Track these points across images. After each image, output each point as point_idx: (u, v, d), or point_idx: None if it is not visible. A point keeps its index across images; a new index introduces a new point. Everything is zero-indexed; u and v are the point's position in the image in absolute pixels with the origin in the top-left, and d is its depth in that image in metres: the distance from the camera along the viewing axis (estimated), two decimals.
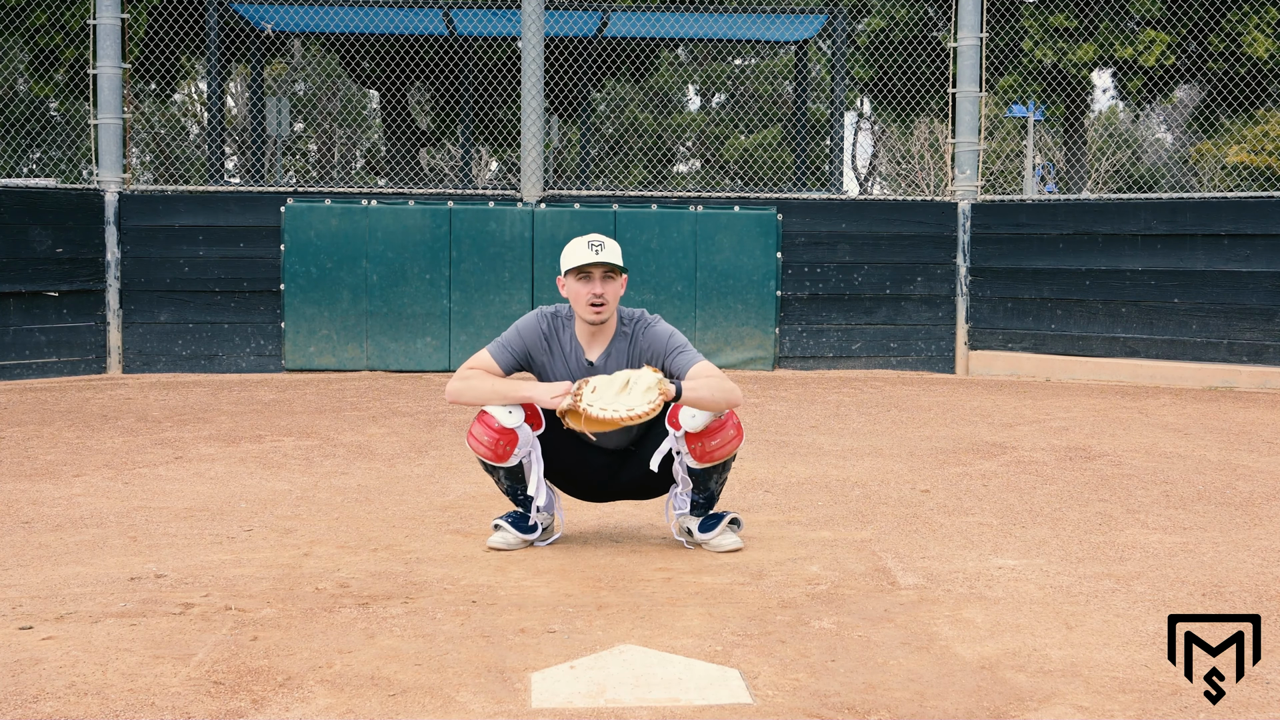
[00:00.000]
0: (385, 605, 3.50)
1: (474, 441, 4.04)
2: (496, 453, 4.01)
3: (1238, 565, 4.00)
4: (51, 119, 19.66)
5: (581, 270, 4.03)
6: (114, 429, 6.88)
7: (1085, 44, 14.29)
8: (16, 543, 4.25)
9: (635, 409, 3.77)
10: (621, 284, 4.09)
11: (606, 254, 4.03)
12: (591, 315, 4.05)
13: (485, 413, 4.01)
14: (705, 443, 3.97)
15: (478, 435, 4.02)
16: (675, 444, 4.00)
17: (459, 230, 9.77)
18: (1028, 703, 2.80)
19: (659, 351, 4.09)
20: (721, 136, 27.32)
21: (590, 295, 4.02)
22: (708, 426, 3.94)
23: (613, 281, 4.06)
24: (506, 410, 3.99)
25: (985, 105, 12.31)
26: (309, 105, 26.20)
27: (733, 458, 4.08)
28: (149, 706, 2.75)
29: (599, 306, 4.03)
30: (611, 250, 4.06)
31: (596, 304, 4.03)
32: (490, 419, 4.00)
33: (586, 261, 4.01)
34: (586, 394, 3.80)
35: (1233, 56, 14.06)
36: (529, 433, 4.02)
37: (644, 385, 3.81)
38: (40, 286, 9.27)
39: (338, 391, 8.67)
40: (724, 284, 10.01)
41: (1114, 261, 9.67)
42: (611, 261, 4.02)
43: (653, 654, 3.09)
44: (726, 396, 3.93)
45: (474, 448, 4.05)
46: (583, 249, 4.04)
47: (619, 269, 4.06)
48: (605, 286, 4.03)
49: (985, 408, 8.02)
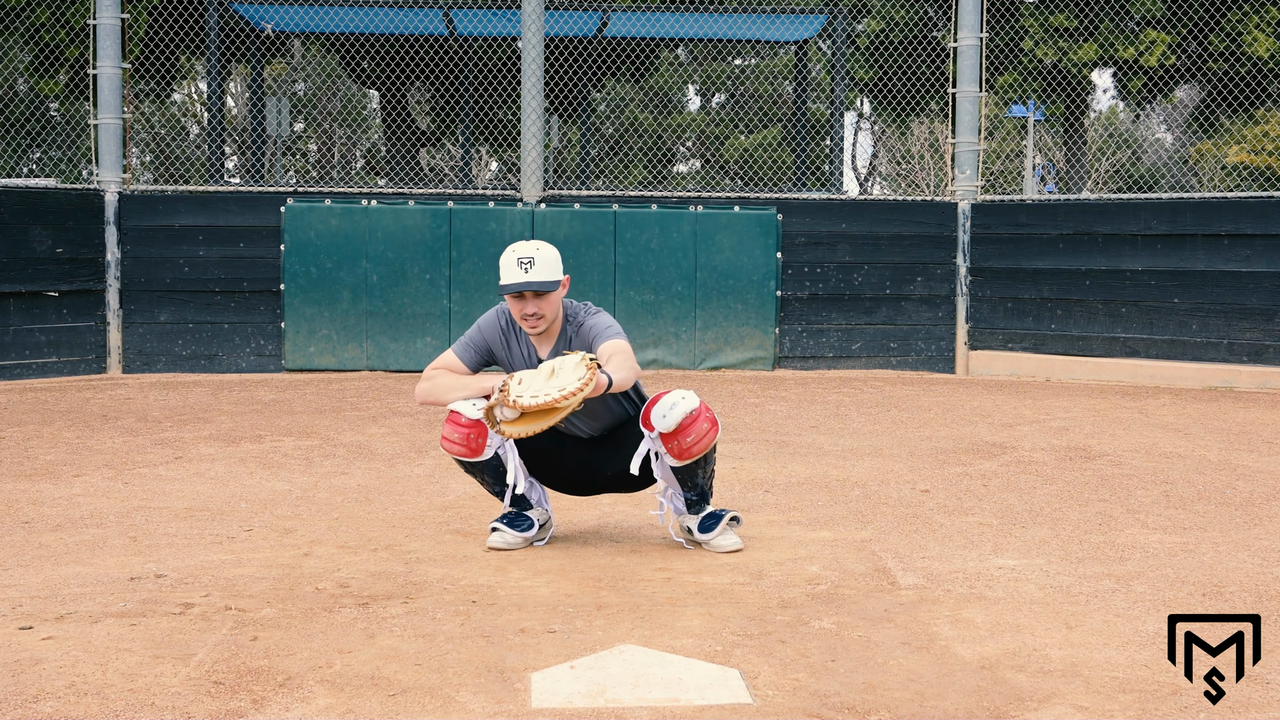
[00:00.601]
0: (385, 605, 3.50)
1: (447, 443, 4.05)
2: (470, 448, 4.02)
3: (1238, 565, 4.00)
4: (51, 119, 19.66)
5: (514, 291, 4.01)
6: (114, 429, 6.88)
7: (1086, 44, 14.29)
8: (16, 543, 4.25)
9: (567, 386, 3.71)
10: (561, 289, 4.05)
11: (535, 273, 3.96)
12: (529, 329, 4.07)
13: (452, 411, 4.02)
14: (681, 440, 3.98)
15: (449, 435, 4.03)
16: (653, 445, 4.02)
17: (459, 230, 9.77)
18: (1028, 703, 2.80)
19: (590, 342, 4.11)
20: (721, 136, 27.32)
21: (522, 314, 4.04)
22: (680, 424, 3.96)
23: (546, 297, 4.02)
24: (471, 404, 3.99)
25: (985, 105, 12.32)
26: (309, 105, 26.20)
27: (713, 449, 4.09)
28: (149, 706, 2.75)
29: (534, 323, 4.05)
30: (541, 267, 3.97)
31: (531, 321, 4.05)
32: (457, 415, 4.01)
33: (516, 285, 3.97)
34: (514, 386, 3.75)
35: (1233, 56, 14.06)
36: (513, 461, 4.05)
37: (570, 365, 3.80)
38: (40, 286, 9.27)
39: (338, 391, 8.67)
40: (724, 284, 10.01)
41: (1114, 261, 9.67)
42: (540, 282, 3.96)
43: (653, 654, 3.09)
44: (631, 370, 3.94)
45: (449, 449, 4.06)
46: (513, 268, 3.98)
47: (551, 285, 4.00)
48: (538, 304, 4.01)
49: (985, 408, 8.02)
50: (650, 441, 4.01)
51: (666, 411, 3.96)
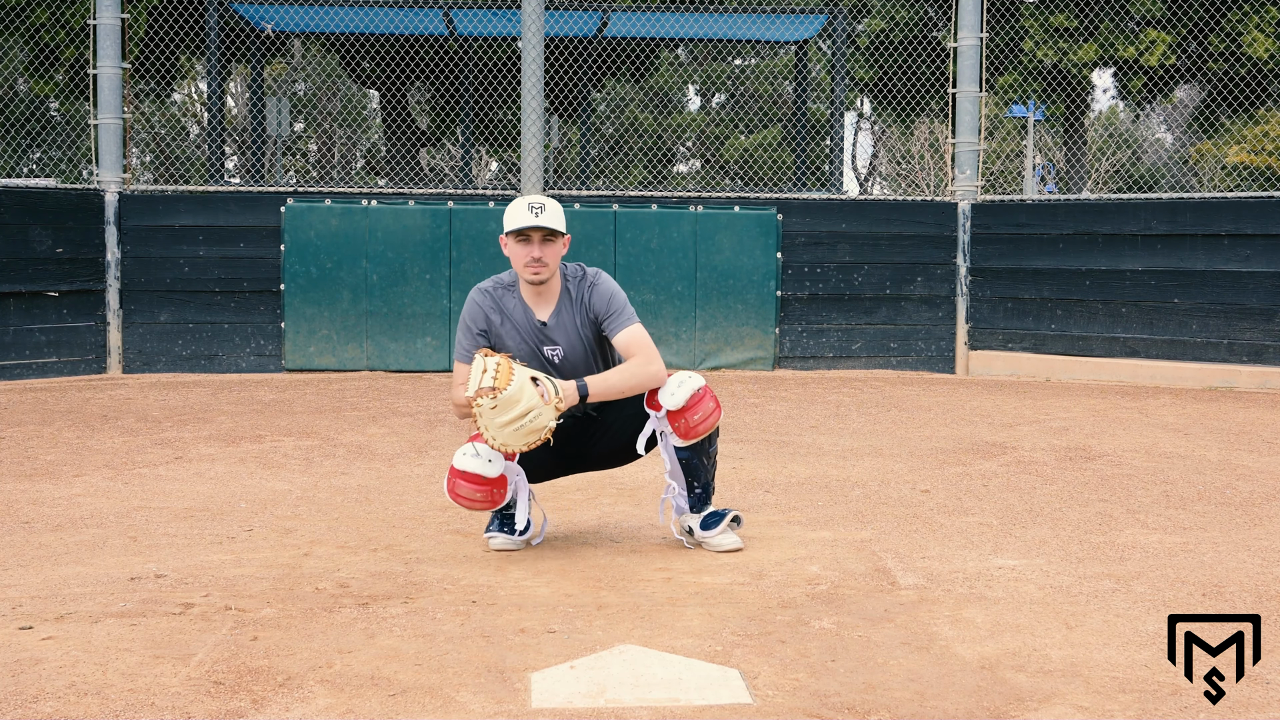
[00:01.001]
0: (385, 605, 3.50)
1: (467, 503, 3.99)
2: (493, 501, 4.01)
3: (1238, 565, 4.00)
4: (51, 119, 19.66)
5: (521, 233, 4.03)
6: (114, 429, 6.88)
7: (1086, 44, 14.29)
8: (16, 543, 4.25)
9: (510, 446, 3.79)
10: (563, 245, 4.09)
11: (545, 218, 4.01)
12: (530, 276, 4.05)
13: (464, 472, 3.95)
14: (688, 418, 3.99)
15: (467, 494, 3.97)
16: (658, 425, 4.03)
17: (459, 230, 9.77)
18: (1028, 703, 2.80)
19: (600, 313, 4.11)
20: (721, 136, 27.32)
21: (528, 258, 4.03)
22: (688, 401, 3.97)
23: (552, 244, 4.05)
24: (485, 460, 3.94)
25: (985, 105, 12.31)
26: (309, 105, 26.20)
27: (716, 432, 4.11)
28: (149, 706, 2.75)
29: (537, 269, 4.04)
30: (552, 213, 4.04)
31: (534, 266, 4.03)
32: (473, 476, 3.94)
33: (525, 225, 4.00)
34: (486, 405, 3.74)
35: (1233, 56, 14.06)
36: (513, 466, 4.02)
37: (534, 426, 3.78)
38: (40, 286, 9.27)
39: (338, 391, 8.67)
40: (724, 284, 10.01)
41: (1114, 261, 9.67)
42: (550, 225, 4.01)
43: (653, 654, 3.09)
44: (638, 380, 3.98)
45: (469, 507, 4.01)
46: (523, 211, 4.02)
47: (559, 232, 4.05)
48: (544, 249, 4.03)
49: (985, 408, 8.02)
50: (656, 421, 4.02)
51: (674, 389, 3.98)
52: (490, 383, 3.77)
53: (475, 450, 3.95)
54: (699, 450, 4.09)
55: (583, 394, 3.92)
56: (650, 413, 4.03)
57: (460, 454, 3.97)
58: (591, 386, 3.94)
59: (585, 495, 5.02)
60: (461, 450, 3.97)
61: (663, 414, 4.00)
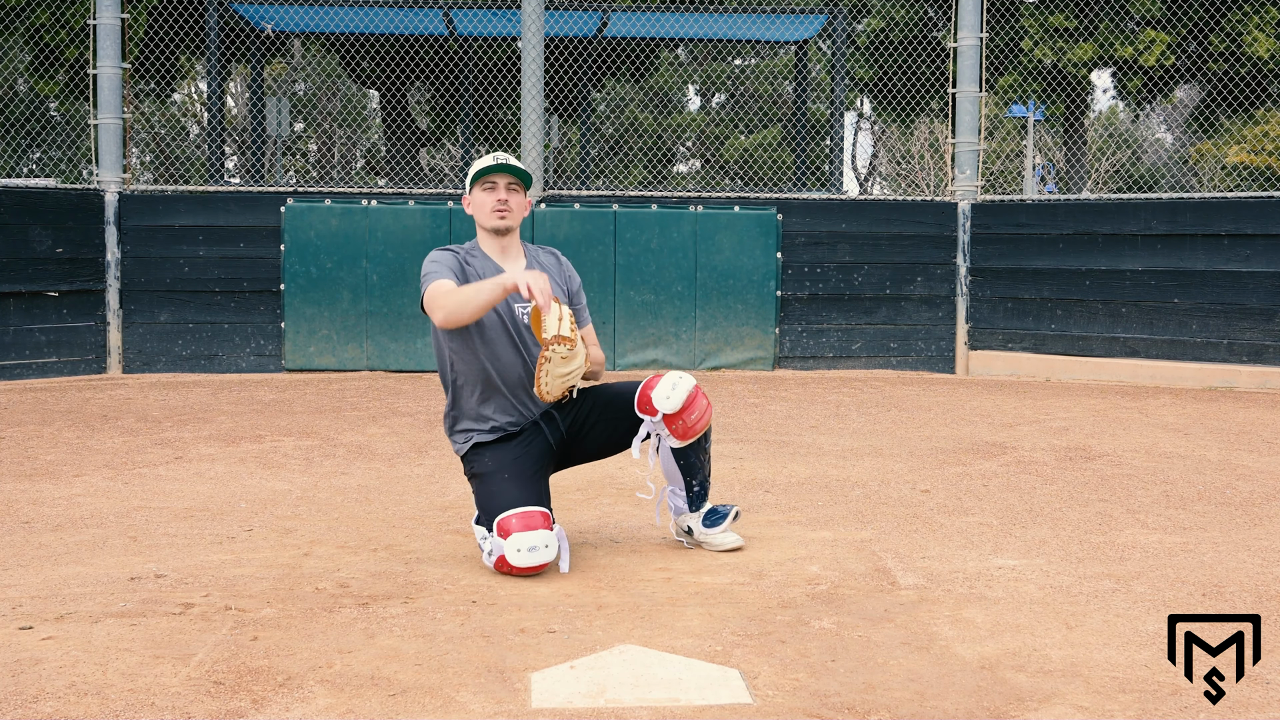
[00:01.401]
0: (385, 605, 3.50)
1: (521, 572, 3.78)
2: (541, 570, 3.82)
3: (1238, 565, 4.00)
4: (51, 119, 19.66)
5: (486, 179, 4.02)
6: (114, 429, 6.88)
7: (1085, 44, 14.29)
8: (16, 543, 4.25)
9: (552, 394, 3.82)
10: (527, 204, 4.10)
11: (511, 163, 4.03)
12: (495, 221, 4.01)
13: (517, 568, 3.73)
14: (685, 419, 3.99)
15: (524, 573, 3.78)
16: (653, 428, 4.01)
17: (459, 230, 9.77)
18: (1028, 703, 2.80)
19: (573, 291, 4.19)
20: (721, 136, 27.32)
21: (494, 201, 4.02)
22: (684, 403, 3.97)
23: (517, 192, 4.06)
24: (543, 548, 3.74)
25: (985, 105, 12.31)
26: (309, 105, 26.20)
27: (709, 430, 4.11)
28: (149, 706, 2.75)
29: (503, 211, 4.01)
30: (516, 163, 4.05)
31: (500, 209, 4.01)
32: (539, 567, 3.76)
33: (491, 166, 4.00)
34: (559, 352, 3.72)
35: (1233, 56, 14.06)
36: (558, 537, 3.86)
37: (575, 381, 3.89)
38: (40, 286, 9.27)
39: (338, 391, 8.67)
40: (724, 284, 10.01)
41: (1114, 261, 9.67)
42: (514, 166, 4.02)
43: (653, 654, 3.09)
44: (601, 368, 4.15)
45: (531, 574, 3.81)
46: (488, 160, 4.04)
47: (524, 182, 4.06)
48: (510, 194, 4.04)
49: (985, 408, 8.02)
50: (651, 425, 4.01)
51: (669, 393, 3.97)
52: (568, 332, 3.77)
53: (532, 544, 3.73)
54: (696, 448, 4.09)
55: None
56: (644, 418, 4.00)
57: (513, 549, 3.72)
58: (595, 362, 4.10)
59: (585, 495, 5.03)
60: (514, 545, 3.72)
61: (658, 418, 3.98)
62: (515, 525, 3.76)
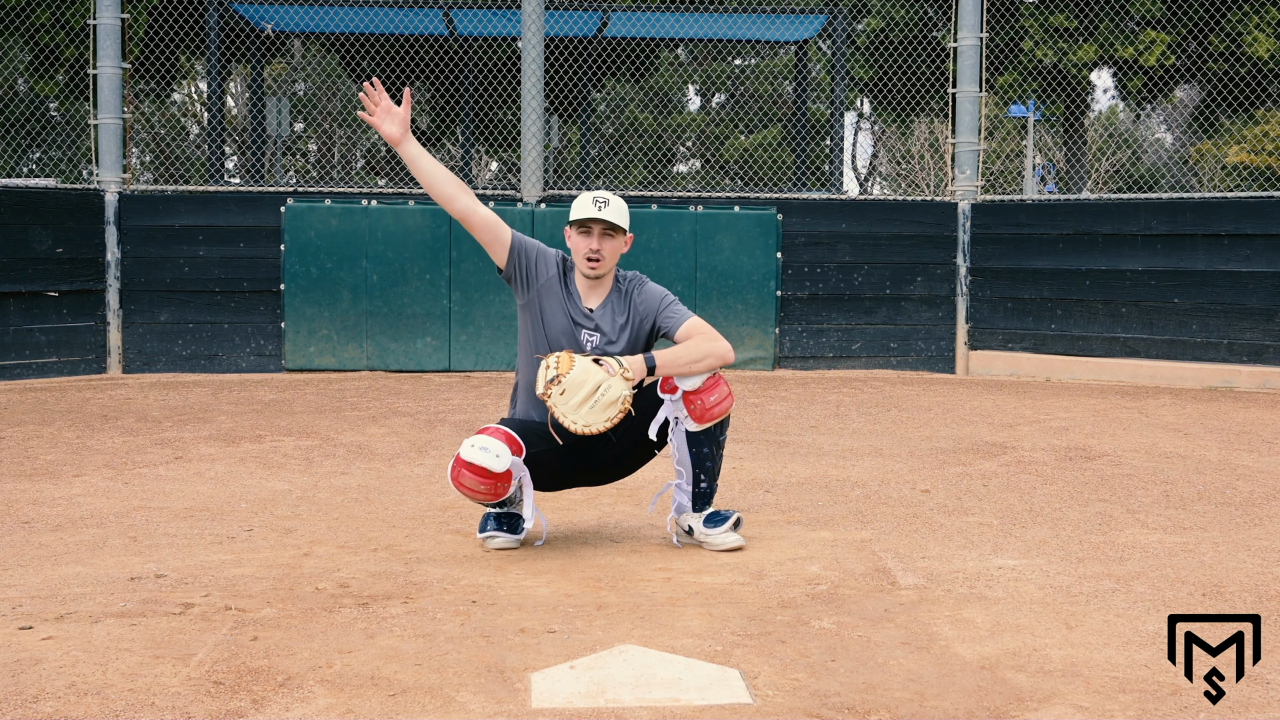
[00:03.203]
0: (385, 605, 3.50)
1: (469, 492, 3.96)
2: (494, 493, 3.98)
3: (1238, 565, 4.00)
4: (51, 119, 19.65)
5: (583, 225, 4.10)
6: (114, 429, 6.88)
7: (1085, 44, 14.29)
8: (16, 543, 4.25)
9: (592, 425, 3.86)
10: (624, 243, 4.16)
11: (608, 213, 4.08)
12: (586, 269, 4.12)
13: (471, 464, 3.89)
14: (704, 399, 4.02)
15: (470, 485, 3.94)
16: (672, 409, 4.05)
17: (459, 230, 9.77)
18: (1028, 703, 2.80)
19: (651, 310, 4.18)
20: (721, 136, 27.32)
21: (588, 250, 4.09)
22: (704, 384, 4.02)
23: (612, 239, 4.12)
24: (493, 455, 3.90)
25: (985, 105, 12.31)
26: (309, 105, 26.20)
27: (727, 421, 4.13)
28: (149, 706, 2.75)
29: (594, 262, 4.10)
30: (615, 209, 4.10)
31: (592, 259, 4.09)
32: (479, 469, 3.90)
33: (587, 216, 4.07)
34: (555, 394, 3.85)
35: (1233, 56, 14.06)
36: (519, 464, 3.98)
37: (609, 399, 3.86)
38: (40, 286, 9.27)
39: (338, 391, 8.67)
40: (724, 284, 10.02)
41: (1114, 261, 9.67)
42: (611, 220, 4.08)
43: (653, 654, 3.09)
44: (706, 353, 4.02)
45: (471, 497, 3.99)
46: (587, 204, 4.10)
47: (620, 229, 4.11)
48: (603, 243, 4.10)
49: (985, 408, 8.02)
50: (671, 406, 4.04)
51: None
52: (553, 374, 3.86)
53: (484, 445, 3.92)
54: (711, 437, 4.10)
55: (650, 366, 3.97)
56: (665, 397, 4.05)
57: (468, 445, 3.92)
58: (659, 358, 3.98)
59: (585, 495, 5.02)
60: (470, 441, 3.93)
61: (678, 396, 4.02)
62: (483, 431, 4.01)
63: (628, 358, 3.98)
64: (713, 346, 4.04)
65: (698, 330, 4.10)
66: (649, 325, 4.18)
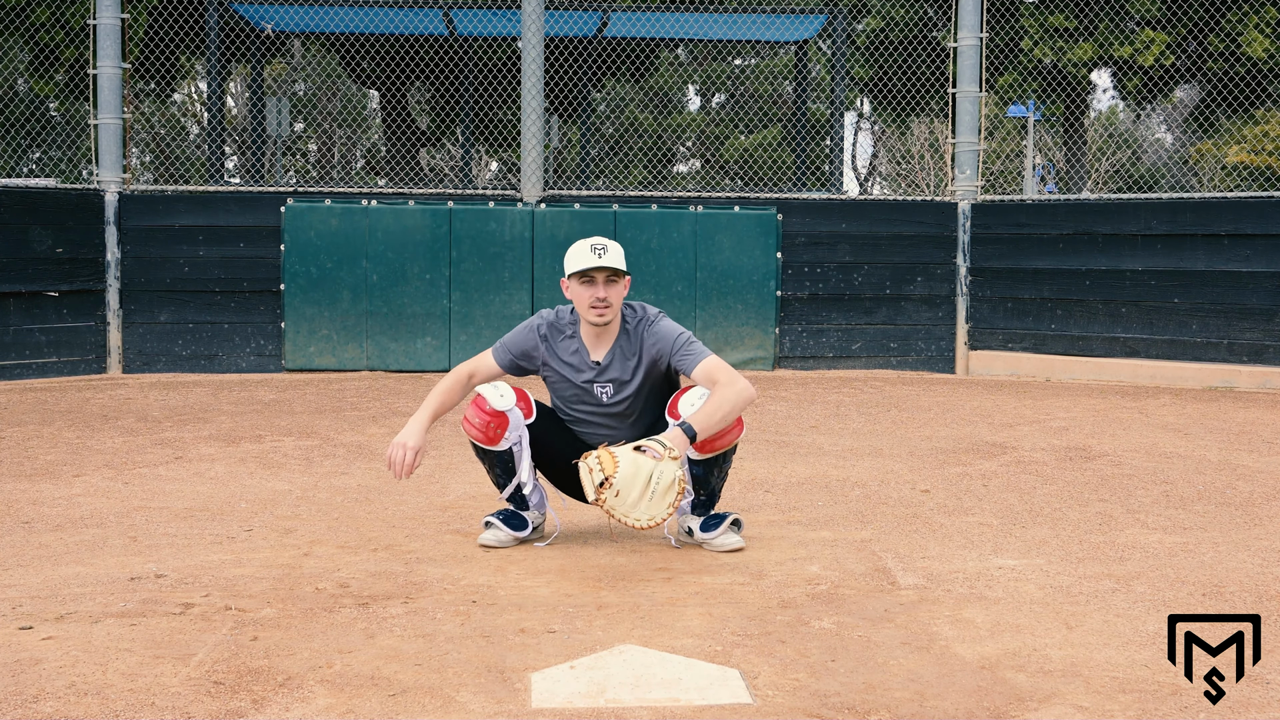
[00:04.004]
0: (385, 605, 3.50)
1: (467, 425, 4.13)
2: (487, 435, 4.08)
3: (1238, 565, 4.00)
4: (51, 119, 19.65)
5: (584, 275, 4.06)
6: (114, 429, 6.88)
7: (1084, 44, 14.29)
8: (16, 543, 4.25)
9: (656, 516, 3.77)
10: (624, 286, 4.12)
11: (609, 258, 4.05)
12: (595, 318, 4.09)
13: (479, 395, 4.12)
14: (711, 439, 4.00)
15: (470, 418, 4.12)
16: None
17: (459, 230, 9.77)
18: (1028, 703, 2.80)
19: (665, 351, 4.13)
20: (721, 136, 27.32)
21: (593, 299, 4.07)
22: None
23: (615, 284, 4.09)
24: (498, 393, 4.09)
25: (985, 105, 12.31)
26: (309, 105, 26.20)
27: (733, 449, 4.11)
28: (149, 706, 2.75)
29: (602, 310, 4.07)
30: (614, 254, 4.08)
31: (599, 307, 4.07)
32: (482, 400, 4.10)
33: (589, 266, 4.04)
34: (610, 497, 3.75)
35: (1232, 56, 14.06)
36: (519, 417, 4.11)
37: (665, 485, 3.77)
38: (40, 286, 9.27)
39: (338, 391, 8.67)
40: (724, 284, 10.01)
41: (1114, 261, 9.67)
42: (614, 266, 4.05)
43: (653, 654, 3.09)
44: (735, 404, 3.94)
45: (467, 430, 4.14)
46: (585, 253, 4.07)
47: (621, 272, 4.08)
48: (608, 290, 4.07)
49: (985, 408, 8.02)
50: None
51: (695, 400, 4.01)
52: (600, 479, 3.76)
53: (499, 386, 4.13)
54: (712, 465, 4.09)
55: (690, 435, 3.88)
56: (669, 420, 4.04)
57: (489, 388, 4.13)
58: (696, 424, 3.89)
59: None
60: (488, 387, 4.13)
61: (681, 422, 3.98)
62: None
63: (669, 435, 3.86)
64: (739, 396, 3.94)
65: (716, 371, 4.02)
66: (664, 365, 4.14)
